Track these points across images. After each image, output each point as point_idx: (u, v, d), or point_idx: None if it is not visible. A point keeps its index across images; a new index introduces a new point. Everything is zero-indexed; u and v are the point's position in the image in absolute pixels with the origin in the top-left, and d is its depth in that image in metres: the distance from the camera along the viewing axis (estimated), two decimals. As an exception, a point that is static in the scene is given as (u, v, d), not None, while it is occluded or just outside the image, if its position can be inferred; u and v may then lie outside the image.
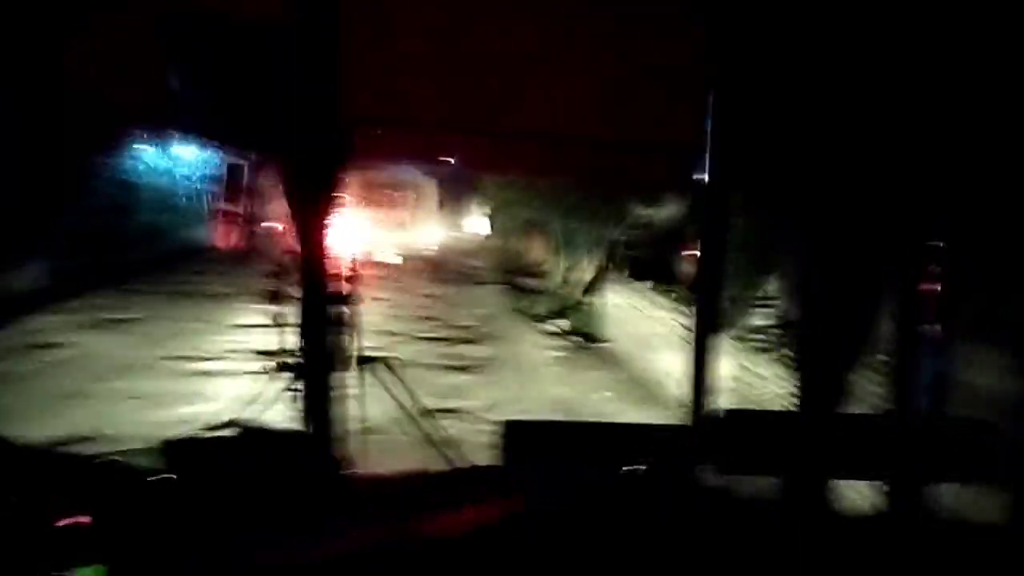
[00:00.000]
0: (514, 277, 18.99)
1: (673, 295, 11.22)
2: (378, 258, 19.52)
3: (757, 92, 2.79)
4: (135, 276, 15.23)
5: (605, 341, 12.35)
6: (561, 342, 12.22)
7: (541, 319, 14.06)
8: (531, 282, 18.26)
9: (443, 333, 11.51)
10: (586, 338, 12.79)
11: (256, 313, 10.64)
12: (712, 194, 2.90)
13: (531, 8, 3.14)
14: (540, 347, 11.60)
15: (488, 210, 23.20)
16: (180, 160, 22.53)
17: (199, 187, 24.60)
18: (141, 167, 23.07)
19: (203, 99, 2.91)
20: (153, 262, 17.50)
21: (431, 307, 14.39)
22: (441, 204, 23.56)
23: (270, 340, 3.58)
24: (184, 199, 24.92)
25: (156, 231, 20.86)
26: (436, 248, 22.92)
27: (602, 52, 3.22)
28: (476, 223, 24.47)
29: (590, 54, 3.23)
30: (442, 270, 19.42)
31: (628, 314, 12.75)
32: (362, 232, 18.75)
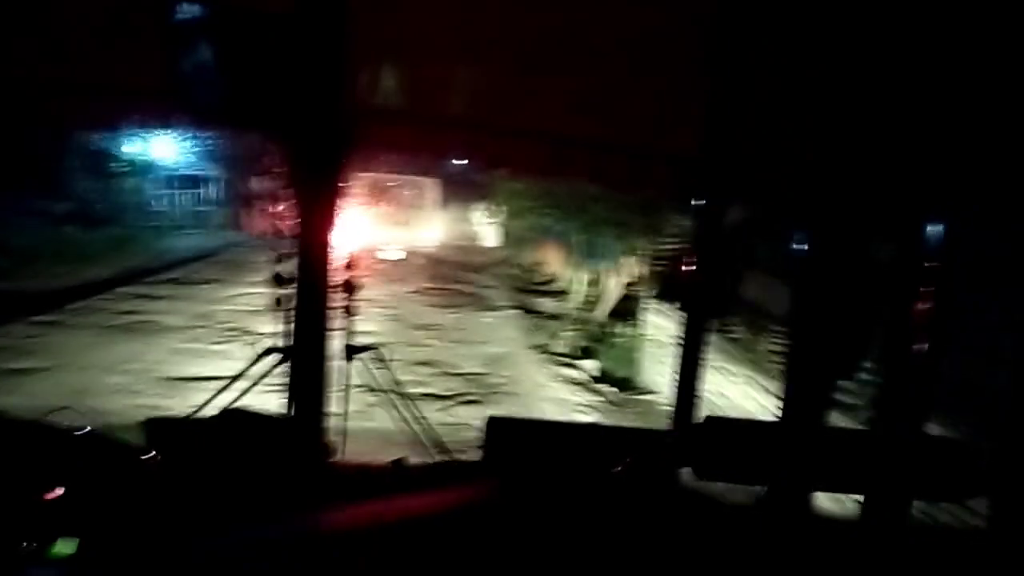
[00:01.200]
0: (528, 298, 17.70)
1: (733, 335, 9.32)
2: (381, 254, 20.18)
3: (754, 98, 2.79)
4: (70, 301, 13.17)
5: (646, 391, 10.57)
6: (591, 396, 10.30)
7: (565, 359, 12.04)
8: (548, 303, 17.05)
9: (440, 386, 9.55)
10: (622, 386, 10.76)
11: (215, 359, 9.80)
12: (707, 200, 2.91)
13: (544, 5, 3.15)
14: (565, 405, 9.86)
15: (499, 219, 21.56)
16: (182, 149, 22.00)
17: (206, 176, 25.07)
18: (127, 162, 22.46)
19: (212, 84, 2.92)
20: (103, 283, 15.47)
21: (428, 343, 12.14)
22: (444, 204, 23.76)
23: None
24: (179, 196, 24.65)
25: (126, 240, 20.80)
26: (439, 255, 21.90)
27: (610, 53, 3.23)
28: (485, 233, 23.30)
29: (598, 54, 3.23)
30: (446, 289, 17.65)
31: (673, 350, 10.67)
32: (366, 228, 19.85)
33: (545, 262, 21.11)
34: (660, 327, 10.97)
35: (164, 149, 21.54)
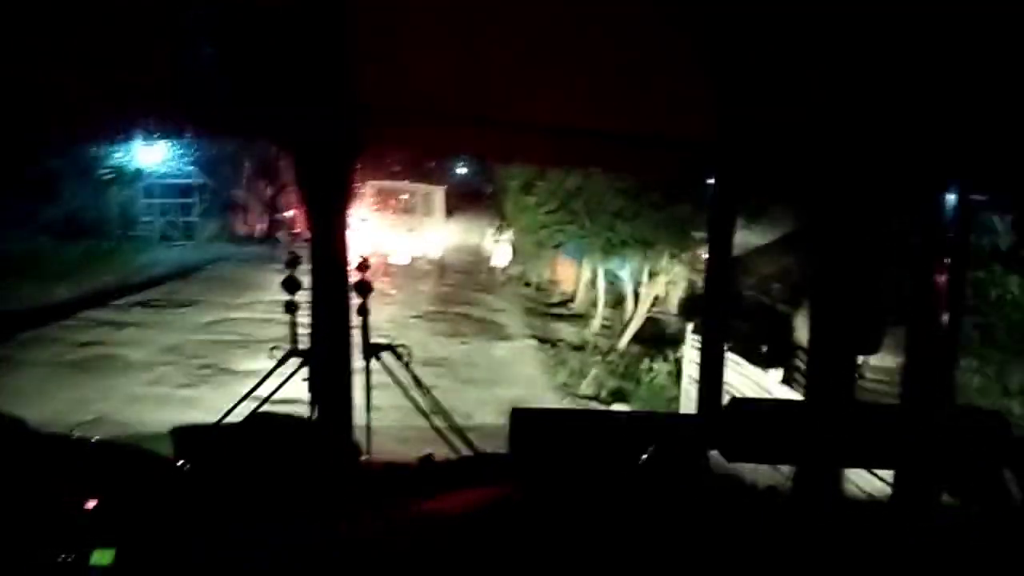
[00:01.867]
0: (544, 323, 16.46)
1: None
2: (390, 259, 20.95)
3: (767, 85, 2.78)
4: (22, 329, 11.39)
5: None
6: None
7: (593, 404, 10.79)
8: (567, 330, 15.67)
9: (447, 447, 7.20)
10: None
11: (179, 409, 8.39)
12: (721, 189, 2.90)
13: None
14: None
15: (510, 235, 20.26)
16: (172, 156, 20.58)
17: (197, 183, 23.67)
18: (115, 168, 21.09)
19: (218, 88, 2.92)
20: (66, 306, 13.87)
21: (435, 384, 8.97)
22: (451, 212, 23.83)
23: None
24: (168, 204, 23.36)
25: (104, 254, 19.51)
26: (446, 272, 21.11)
27: (618, 42, 3.21)
28: (497, 252, 21.46)
29: (606, 44, 3.22)
30: (453, 314, 16.26)
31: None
32: (374, 233, 20.89)
33: (559, 280, 20.33)
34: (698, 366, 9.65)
35: (154, 156, 20.24)
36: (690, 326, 10.99)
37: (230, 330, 13.45)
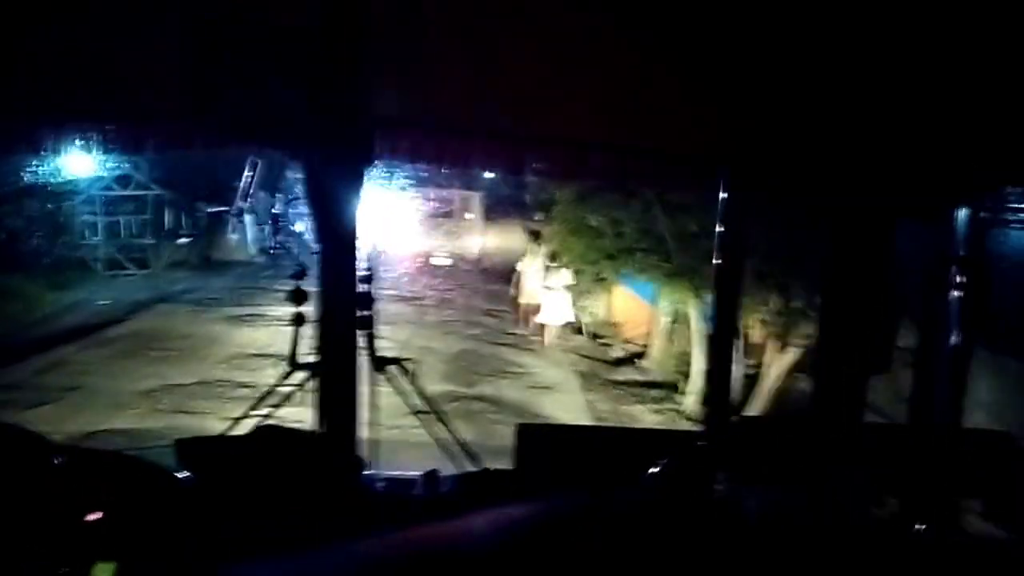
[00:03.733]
0: (614, 396, 11.43)
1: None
2: (433, 261, 21.51)
3: (776, 97, 2.77)
4: None
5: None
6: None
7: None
8: (647, 413, 10.91)
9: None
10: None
11: None
12: (730, 198, 2.89)
13: (560, 12, 3.15)
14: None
15: (565, 276, 13.45)
16: (128, 166, 17.04)
17: (159, 198, 18.58)
18: (53, 182, 16.12)
19: (232, 97, 2.93)
20: None
21: None
22: (487, 217, 24.60)
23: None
24: (119, 222, 18.18)
25: None
26: (483, 311, 15.82)
27: (632, 58, 3.22)
28: (549, 302, 13.77)
29: (620, 59, 3.22)
30: (478, 403, 10.03)
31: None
32: (416, 237, 21.94)
33: (620, 323, 14.89)
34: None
35: (95, 166, 16.01)
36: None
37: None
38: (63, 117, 3.26)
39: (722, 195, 3.06)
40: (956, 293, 2.89)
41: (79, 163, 14.86)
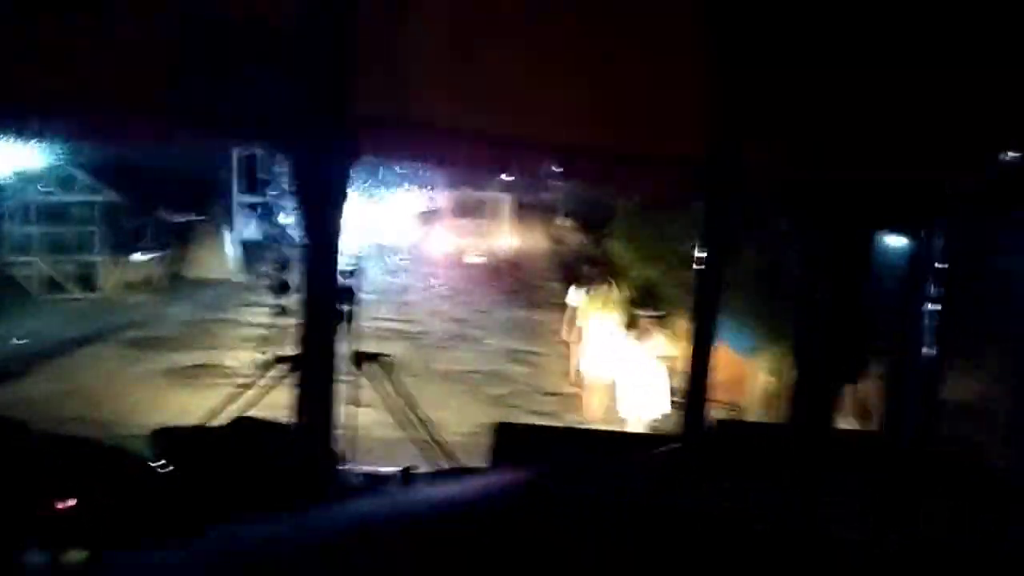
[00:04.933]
0: None
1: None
2: (466, 259, 21.25)
3: (758, 103, 2.79)
4: None
5: None
6: None
7: None
8: None
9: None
10: None
11: None
12: (711, 205, 2.91)
13: (547, 15, 3.16)
14: None
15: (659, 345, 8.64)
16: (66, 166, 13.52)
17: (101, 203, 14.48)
18: None
19: (214, 96, 2.93)
20: None
21: None
22: (518, 218, 25.60)
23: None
24: (49, 247, 14.48)
25: None
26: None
27: (618, 61, 3.23)
28: (628, 391, 8.18)
29: (605, 63, 3.24)
30: None
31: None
32: (451, 236, 22.19)
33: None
34: None
35: (30, 160, 12.39)
36: None
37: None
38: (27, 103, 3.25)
39: (705, 201, 3.08)
40: (931, 304, 2.93)
41: (8, 158, 11.41)
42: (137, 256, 15.46)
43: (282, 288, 3.14)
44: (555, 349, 10.55)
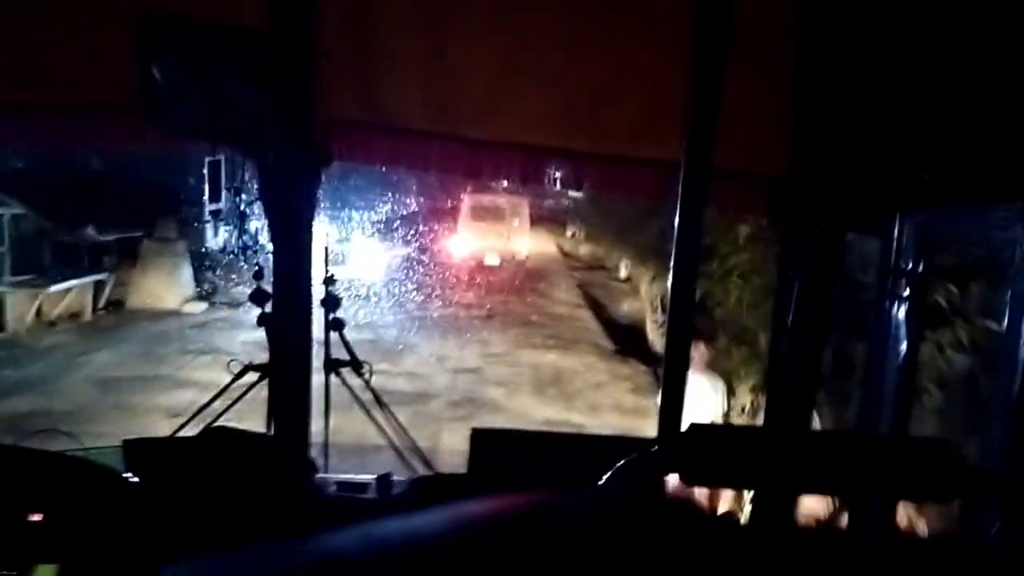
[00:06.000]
0: None
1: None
2: (485, 261, 23.60)
3: (735, 103, 2.80)
4: None
5: None
6: None
7: None
8: None
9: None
10: None
11: None
12: (686, 199, 2.91)
13: (519, 13, 3.14)
14: None
15: None
16: None
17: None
18: None
19: (184, 99, 2.89)
20: None
21: None
22: (533, 221, 28.43)
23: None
24: None
25: None
26: None
27: (590, 61, 3.22)
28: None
29: (578, 63, 3.23)
30: None
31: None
32: (470, 239, 24.59)
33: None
34: None
35: None
36: None
37: None
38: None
39: (679, 198, 3.08)
40: (902, 305, 2.95)
41: None
42: (60, 285, 12.54)
43: (259, 297, 3.10)
44: (603, 418, 9.03)
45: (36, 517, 1.96)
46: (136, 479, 2.30)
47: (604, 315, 16.28)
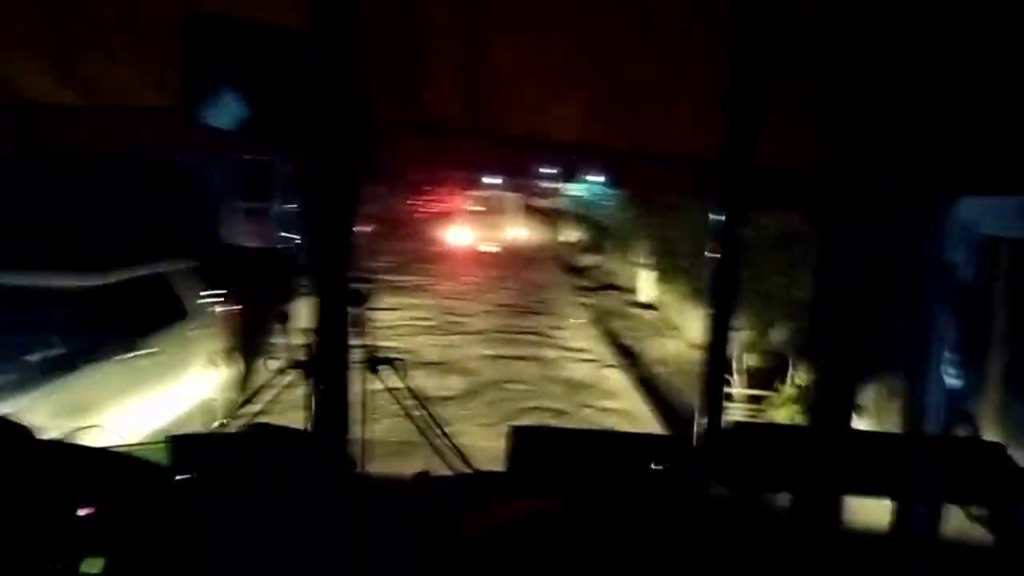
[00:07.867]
0: None
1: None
2: (482, 248, 26.52)
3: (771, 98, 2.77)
4: None
5: None
6: None
7: None
8: None
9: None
10: None
11: None
12: (728, 202, 2.89)
13: (559, 13, 3.14)
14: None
15: None
16: None
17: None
18: None
19: (227, 102, 2.93)
20: None
21: None
22: (527, 214, 31.74)
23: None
24: None
25: None
26: None
27: (631, 60, 3.21)
28: None
29: (618, 62, 3.22)
30: None
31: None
32: (469, 229, 28.16)
33: None
34: None
35: None
36: None
37: None
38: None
39: (719, 195, 3.06)
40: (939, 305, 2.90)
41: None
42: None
43: (286, 294, 3.12)
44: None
45: (84, 511, 2.00)
46: (181, 473, 2.34)
47: (642, 373, 11.50)
